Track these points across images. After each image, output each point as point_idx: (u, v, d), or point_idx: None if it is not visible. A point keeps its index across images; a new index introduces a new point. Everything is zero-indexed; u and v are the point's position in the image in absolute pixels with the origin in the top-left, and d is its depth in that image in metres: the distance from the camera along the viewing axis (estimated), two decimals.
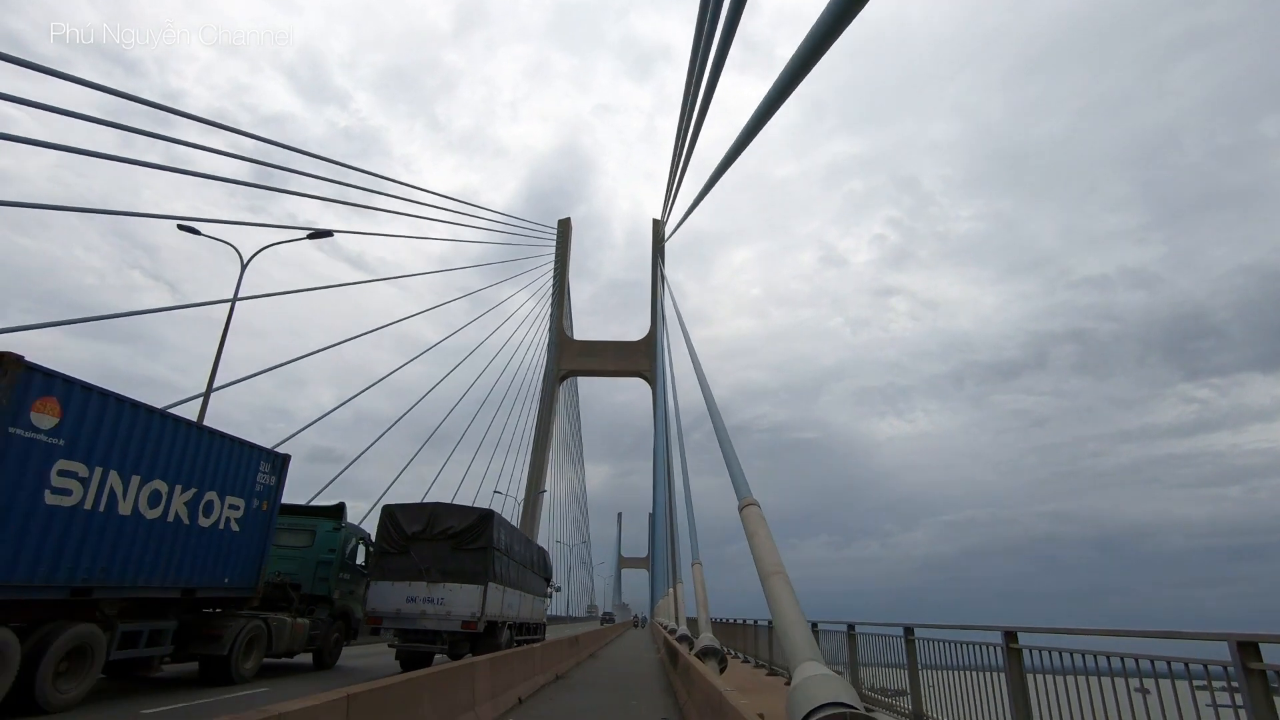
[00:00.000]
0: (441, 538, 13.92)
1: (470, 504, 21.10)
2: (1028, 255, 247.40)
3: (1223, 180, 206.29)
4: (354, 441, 22.66)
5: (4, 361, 6.54)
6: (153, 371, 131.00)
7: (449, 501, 17.66)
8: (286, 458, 11.80)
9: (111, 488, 7.85)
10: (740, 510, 7.49)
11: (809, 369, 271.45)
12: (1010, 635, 4.87)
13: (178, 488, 8.98)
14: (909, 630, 6.76)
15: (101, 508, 7.75)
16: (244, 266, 17.38)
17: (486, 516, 14.52)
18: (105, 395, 7.89)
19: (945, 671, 5.90)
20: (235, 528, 10.26)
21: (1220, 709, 3.41)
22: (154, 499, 8.56)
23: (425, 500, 16.36)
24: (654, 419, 49.18)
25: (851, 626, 8.52)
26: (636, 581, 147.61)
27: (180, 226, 16.56)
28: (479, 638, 13.61)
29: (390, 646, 14.01)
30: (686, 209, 26.40)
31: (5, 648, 6.69)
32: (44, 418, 6.94)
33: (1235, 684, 3.27)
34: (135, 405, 8.41)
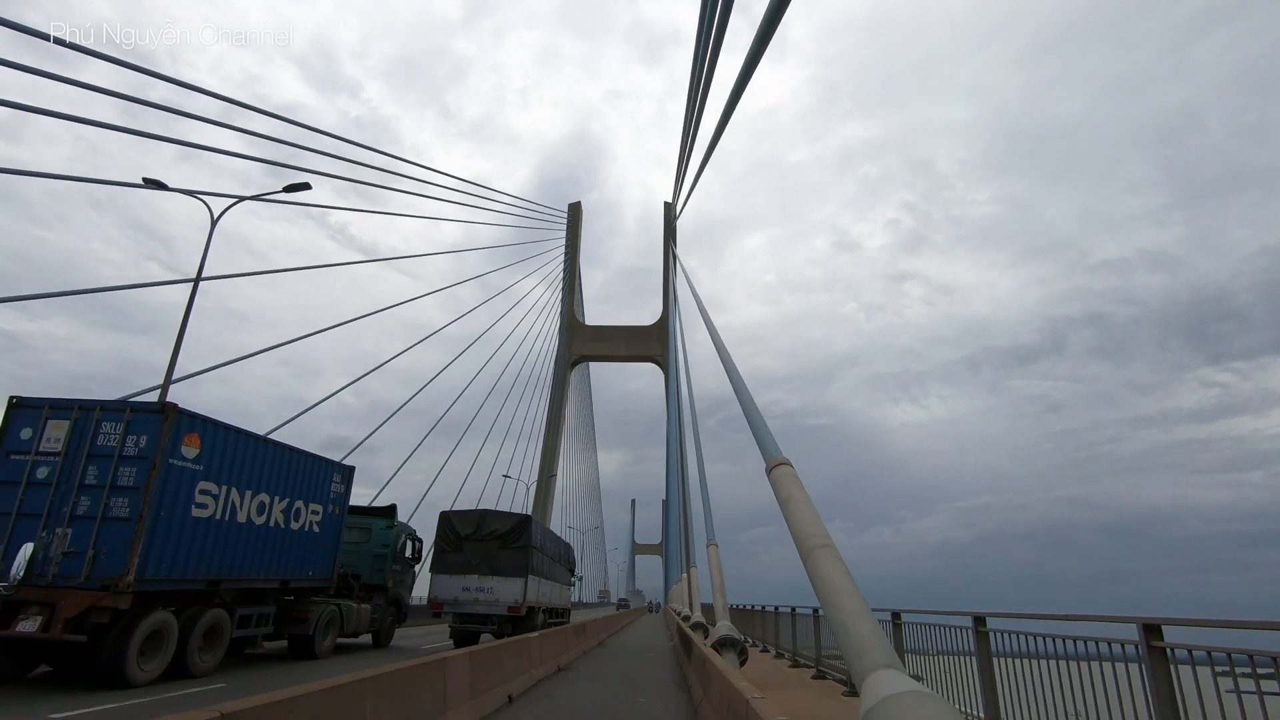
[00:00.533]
0: (489, 538, 16.88)
1: (481, 489, 23.94)
2: (1045, 239, 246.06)
3: (1246, 159, 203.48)
4: (369, 429, 24.11)
5: (166, 409, 8.88)
6: (176, 362, 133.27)
7: (491, 507, 21.66)
8: (352, 469, 14.08)
9: (233, 501, 10.08)
10: (768, 472, 5.92)
11: (822, 355, 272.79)
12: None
13: (276, 498, 11.22)
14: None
15: (226, 517, 9.99)
16: (214, 223, 15.62)
17: (526, 521, 17.50)
18: (228, 429, 10.08)
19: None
20: (316, 529, 12.51)
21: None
22: (260, 508, 10.81)
23: (466, 506, 19.09)
24: (666, 403, 50.67)
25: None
26: (650, 568, 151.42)
27: (145, 181, 15.05)
28: (520, 620, 16.38)
29: (450, 626, 16.89)
30: (695, 174, 27.28)
31: (167, 626, 9.00)
32: (190, 449, 9.19)
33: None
34: (247, 434, 10.61)
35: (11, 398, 9.45)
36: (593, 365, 70.86)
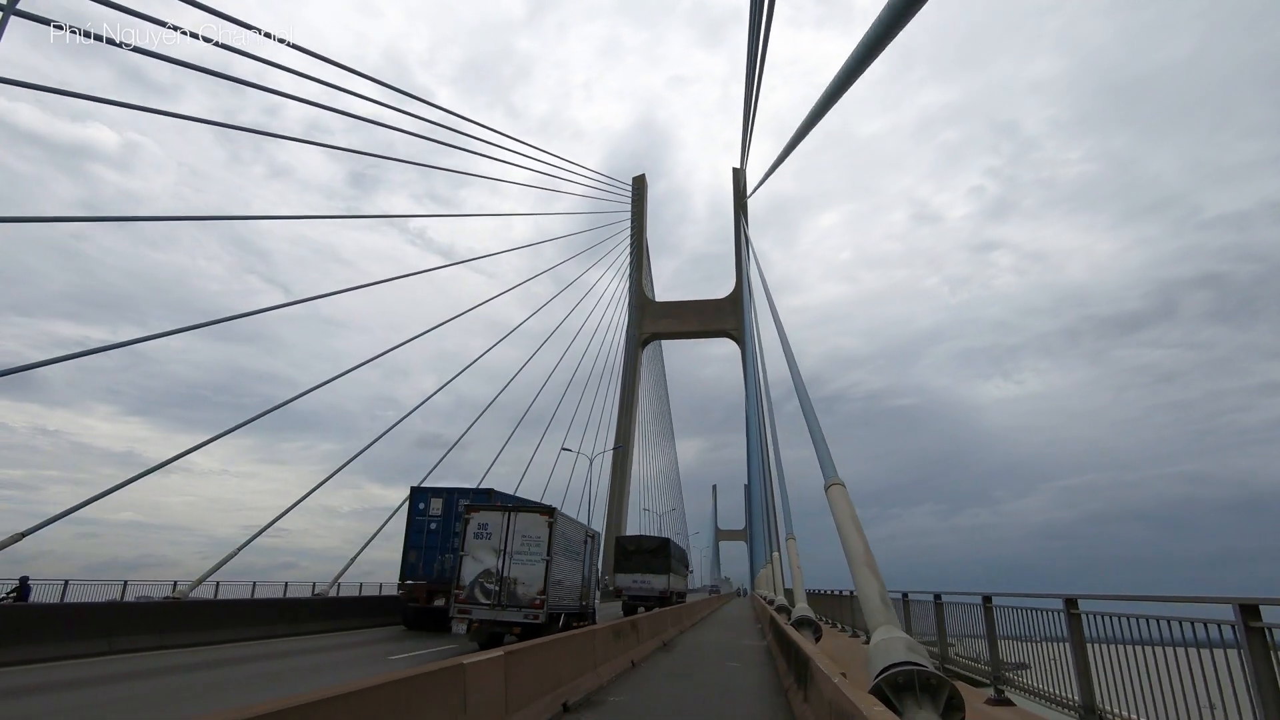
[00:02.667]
0: (645, 552, 31.71)
1: (566, 478, 33.11)
2: (1149, 196, 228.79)
3: None
4: (456, 426, 27.34)
5: (489, 493, 18.09)
6: (273, 367, 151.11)
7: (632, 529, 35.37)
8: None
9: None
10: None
11: (905, 333, 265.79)
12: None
13: None
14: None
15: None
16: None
17: (665, 542, 32.97)
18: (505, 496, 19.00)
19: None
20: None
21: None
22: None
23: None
24: (745, 379, 50.60)
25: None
26: (735, 554, 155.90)
27: None
28: (665, 600, 29.58)
29: (623, 602, 30.52)
30: (769, 167, 27.25)
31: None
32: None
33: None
34: (514, 497, 19.87)
35: (412, 488, 18.59)
36: (667, 354, 71.61)
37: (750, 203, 58.41)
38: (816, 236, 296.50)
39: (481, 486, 20.47)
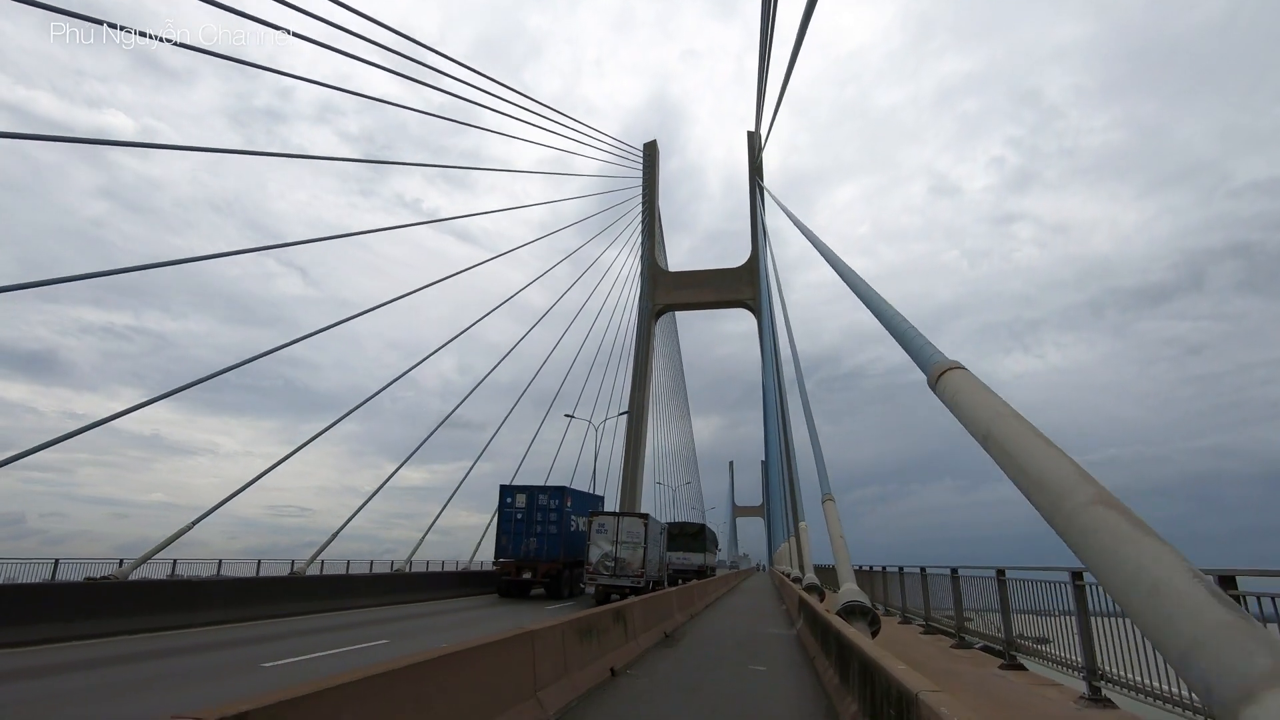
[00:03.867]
0: (687, 535, 39.70)
1: (559, 443, 38.22)
2: (1177, 164, 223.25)
3: None
4: (475, 407, 28.43)
5: (563, 490, 24.48)
6: (293, 351, 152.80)
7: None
8: (601, 497, 30.51)
9: (579, 523, 25.00)
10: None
11: (924, 307, 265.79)
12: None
13: (575, 515, 24.89)
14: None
15: (577, 530, 24.84)
16: None
17: (703, 527, 42.54)
18: (578, 492, 26.18)
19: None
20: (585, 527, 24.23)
21: None
22: (570, 521, 24.43)
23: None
24: (761, 350, 50.99)
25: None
26: (752, 532, 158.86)
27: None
28: (702, 573, 36.80)
29: (667, 576, 32.08)
30: (776, 101, 27.39)
31: (568, 575, 23.78)
32: (568, 504, 24.37)
33: None
34: (582, 492, 27.40)
35: (501, 486, 24.37)
36: (682, 333, 71.91)
37: (766, 177, 58.11)
38: (834, 211, 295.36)
39: (551, 484, 25.43)
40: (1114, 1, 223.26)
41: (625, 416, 54.31)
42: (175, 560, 18.13)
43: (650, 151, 62.74)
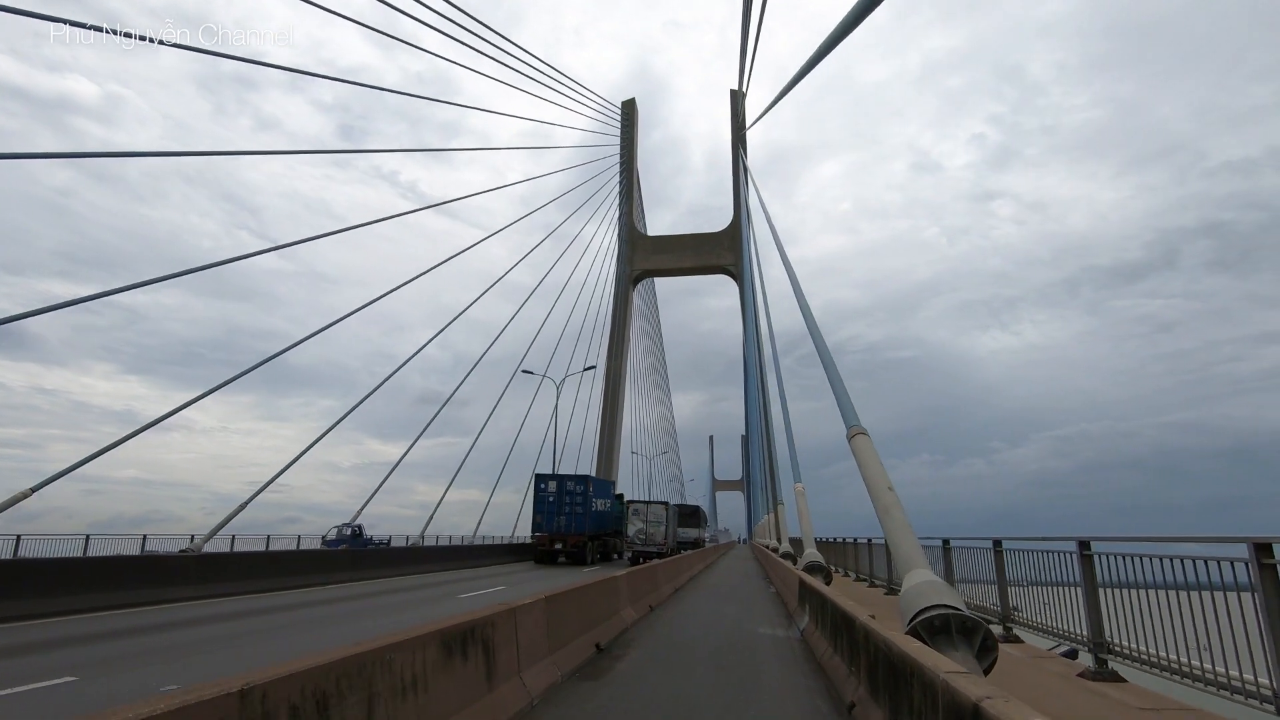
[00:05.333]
0: (685, 514, 47.56)
1: (527, 411, 39.61)
2: (1155, 143, 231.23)
3: None
4: (455, 382, 28.76)
5: (586, 479, 31.04)
6: (270, 324, 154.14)
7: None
8: (613, 483, 41.58)
9: (600, 503, 32.64)
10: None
11: (904, 284, 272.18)
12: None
13: (595, 498, 31.34)
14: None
15: (599, 509, 32.29)
16: None
17: (698, 508, 57.65)
18: (599, 479, 35.61)
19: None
20: (608, 509, 34.64)
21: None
22: (600, 504, 32.66)
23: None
24: (743, 318, 50.74)
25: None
26: (732, 506, 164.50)
27: None
28: (698, 544, 45.59)
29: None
30: (771, 100, 26.80)
31: (594, 546, 30.56)
32: (589, 488, 30.52)
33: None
34: (601, 479, 37.25)
35: (535, 474, 31.56)
36: (667, 309, 71.53)
37: (750, 152, 57.30)
38: (817, 187, 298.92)
39: (579, 473, 33.36)
40: None
41: (601, 390, 53.97)
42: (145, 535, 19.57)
43: (629, 109, 61.49)
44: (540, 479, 30.38)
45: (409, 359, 26.06)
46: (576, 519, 29.46)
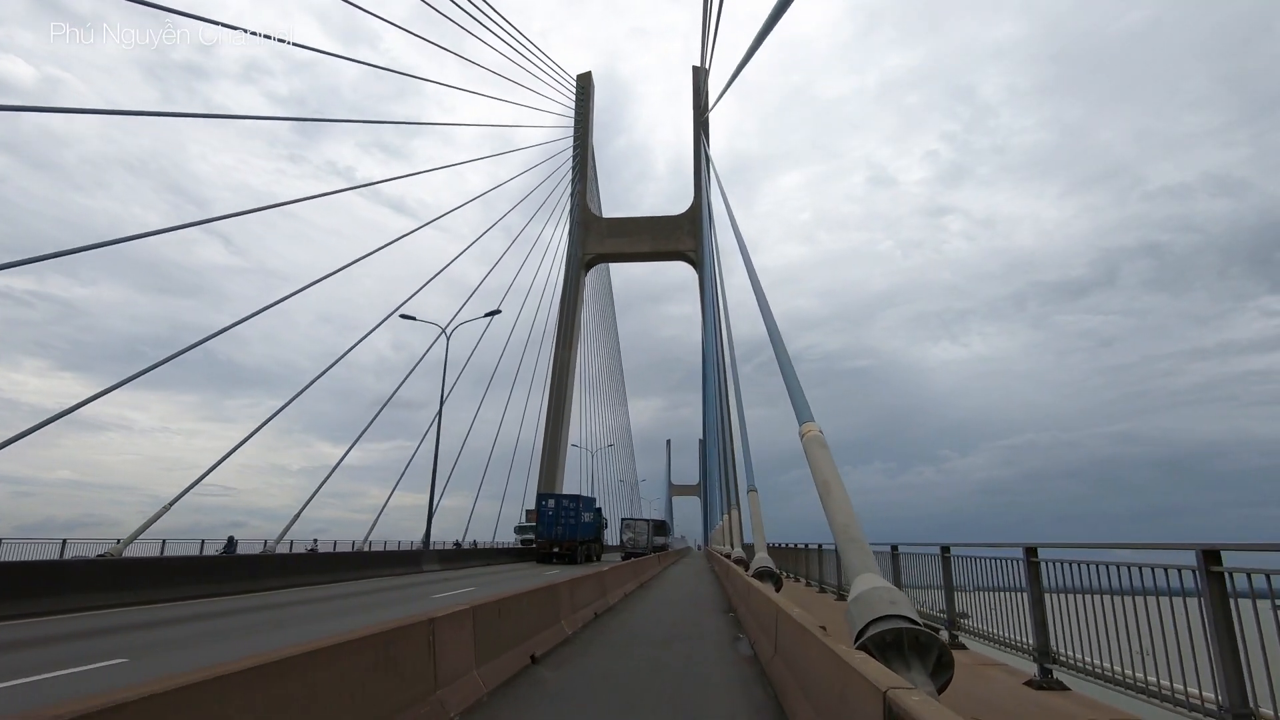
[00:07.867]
0: (650, 524, 63.21)
1: (511, 435, 47.44)
2: (1098, 165, 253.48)
3: None
4: (411, 385, 29.09)
5: (579, 497, 44.30)
6: (218, 321, 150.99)
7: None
8: (594, 499, 51.91)
9: (587, 516, 44.06)
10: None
11: (860, 295, 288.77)
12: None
13: (583, 512, 43.05)
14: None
15: (589, 520, 44.66)
16: None
17: (664, 521, 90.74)
18: (588, 498, 48.57)
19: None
20: (590, 519, 44.70)
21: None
22: (585, 516, 43.54)
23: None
24: (702, 310, 50.58)
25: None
26: (689, 511, 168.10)
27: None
28: (660, 549, 57.03)
29: (626, 553, 55.48)
30: (730, 76, 26.82)
31: (584, 548, 41.86)
32: (580, 504, 43.22)
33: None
34: (589, 498, 49.30)
35: (539, 493, 45.62)
36: (627, 316, 71.48)
37: (714, 160, 57.23)
38: (778, 197, 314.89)
39: (582, 493, 45.84)
40: (1050, 4, 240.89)
41: (547, 380, 53.58)
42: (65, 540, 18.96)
43: (584, 83, 60.88)
44: (542, 497, 42.63)
45: (348, 351, 26.28)
46: (570, 528, 40.44)
